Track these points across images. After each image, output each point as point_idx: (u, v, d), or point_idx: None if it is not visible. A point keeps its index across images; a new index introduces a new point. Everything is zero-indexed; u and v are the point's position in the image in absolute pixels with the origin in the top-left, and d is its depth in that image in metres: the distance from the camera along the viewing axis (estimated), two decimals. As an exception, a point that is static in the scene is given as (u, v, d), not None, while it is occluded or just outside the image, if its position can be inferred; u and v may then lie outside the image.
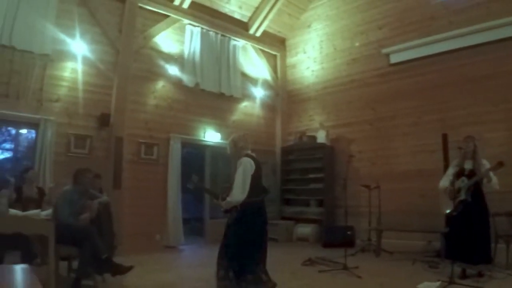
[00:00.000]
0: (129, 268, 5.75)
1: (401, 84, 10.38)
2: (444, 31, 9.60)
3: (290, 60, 13.09)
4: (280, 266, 7.16)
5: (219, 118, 11.18)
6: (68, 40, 8.47)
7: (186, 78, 10.27)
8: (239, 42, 11.74)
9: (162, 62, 9.94)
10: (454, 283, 5.66)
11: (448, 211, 6.50)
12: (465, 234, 6.19)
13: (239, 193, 4.83)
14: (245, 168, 4.93)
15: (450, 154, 8.20)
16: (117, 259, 5.87)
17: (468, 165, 6.49)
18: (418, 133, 9.96)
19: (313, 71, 12.41)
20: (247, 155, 5.13)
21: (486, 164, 6.34)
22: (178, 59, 10.26)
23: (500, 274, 6.35)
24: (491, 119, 8.81)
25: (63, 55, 8.48)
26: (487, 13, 9.04)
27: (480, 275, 6.26)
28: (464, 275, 6.26)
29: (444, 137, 8.68)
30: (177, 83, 10.24)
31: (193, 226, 11.49)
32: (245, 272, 4.80)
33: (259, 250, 5.01)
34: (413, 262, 7.68)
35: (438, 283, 5.82)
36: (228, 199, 4.89)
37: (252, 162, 5.04)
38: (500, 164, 5.96)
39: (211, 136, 10.86)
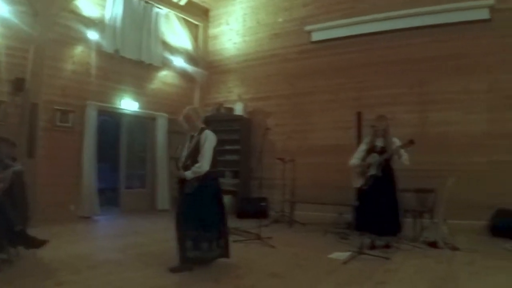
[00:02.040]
0: (44, 242, 5.60)
1: (320, 62, 10.64)
2: (367, 13, 9.92)
3: (213, 31, 12.94)
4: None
5: (137, 86, 10.93)
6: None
7: (105, 44, 9.87)
8: (162, 10, 11.41)
9: (82, 27, 9.46)
10: (363, 253, 5.97)
11: (358, 185, 6.83)
12: (374, 207, 6.52)
13: (207, 164, 5.25)
14: (211, 141, 5.38)
15: (364, 131, 8.58)
16: (31, 231, 5.72)
17: (379, 143, 6.83)
18: (334, 110, 10.30)
19: (234, 43, 12.39)
20: (207, 128, 5.51)
21: (396, 141, 6.71)
22: (98, 24, 9.81)
23: (406, 246, 6.74)
24: (406, 101, 9.33)
25: (-24, 14, 7.92)
26: (410, 0, 9.44)
27: (387, 246, 6.64)
28: (373, 246, 6.59)
29: (359, 115, 9.03)
30: (96, 49, 9.82)
31: (108, 196, 11.29)
32: (201, 240, 5.20)
33: (219, 218, 5.52)
34: (324, 233, 8.03)
35: (348, 253, 6.07)
36: (196, 169, 5.22)
37: (215, 136, 5.49)
38: (411, 142, 6.34)
39: (128, 104, 10.61)
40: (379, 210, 6.52)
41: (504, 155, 8.36)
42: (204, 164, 5.24)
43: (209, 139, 5.36)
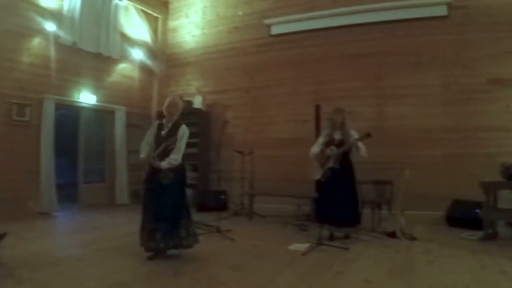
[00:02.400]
0: (2, 236, 5.59)
1: (279, 55, 10.73)
2: (326, 8, 10.08)
3: (172, 23, 12.83)
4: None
5: (96, 79, 10.72)
6: None
7: (63, 36, 9.64)
8: (121, 2, 11.21)
9: (39, 18, 9.18)
10: (322, 245, 6.12)
11: (317, 177, 6.94)
12: (333, 199, 6.65)
13: (180, 156, 5.67)
14: (187, 136, 5.78)
15: (322, 124, 8.69)
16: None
17: (337, 135, 6.94)
18: (293, 103, 10.42)
19: (194, 36, 12.33)
20: (182, 122, 5.87)
21: (354, 134, 6.83)
22: (56, 15, 9.53)
23: (365, 236, 6.95)
24: (363, 95, 9.54)
25: None
26: None
27: (346, 237, 6.81)
28: (332, 237, 6.77)
29: (317, 108, 9.13)
30: (54, 41, 9.54)
31: (67, 192, 11.11)
32: (179, 226, 5.62)
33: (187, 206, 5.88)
34: (284, 226, 8.14)
35: (307, 245, 6.21)
36: (172, 161, 5.57)
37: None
38: (368, 135, 6.48)
39: (86, 97, 10.41)
40: (338, 202, 6.64)
41: (458, 148, 8.68)
42: (179, 157, 5.64)
43: (186, 134, 5.76)
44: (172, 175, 5.58)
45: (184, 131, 5.73)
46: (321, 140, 7.15)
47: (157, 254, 5.53)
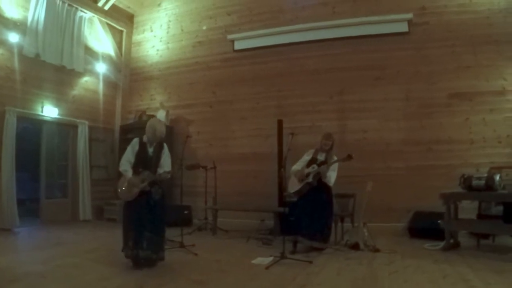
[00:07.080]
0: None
1: (242, 70, 10.85)
2: (289, 24, 10.29)
3: (136, 37, 12.82)
4: (118, 245, 7.19)
5: (59, 92, 10.54)
6: None
7: (26, 48, 9.42)
8: (86, 14, 11.09)
9: (2, 28, 8.98)
10: (285, 258, 6.12)
11: (293, 190, 7.08)
12: (306, 212, 6.82)
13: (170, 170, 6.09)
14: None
15: (284, 139, 8.79)
16: None
17: (321, 157, 7.17)
18: (255, 118, 10.54)
19: (158, 50, 12.34)
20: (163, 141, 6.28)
21: (335, 158, 7.05)
22: (20, 26, 9.33)
23: (328, 249, 7.00)
24: (325, 109, 9.71)
25: None
26: (332, 12, 9.95)
27: (317, 249, 6.85)
28: (295, 251, 6.79)
29: (280, 123, 9.22)
30: (17, 52, 9.33)
31: (28, 207, 10.88)
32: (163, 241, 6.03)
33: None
34: (247, 240, 8.12)
35: (270, 259, 6.21)
36: (165, 175, 5.94)
37: None
38: (349, 157, 6.65)
39: (49, 111, 10.21)
40: (311, 216, 6.80)
41: (420, 160, 8.91)
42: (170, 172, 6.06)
43: (168, 151, 6.26)
44: (161, 191, 5.94)
45: (167, 149, 6.24)
46: (305, 157, 7.34)
47: (145, 263, 5.72)
